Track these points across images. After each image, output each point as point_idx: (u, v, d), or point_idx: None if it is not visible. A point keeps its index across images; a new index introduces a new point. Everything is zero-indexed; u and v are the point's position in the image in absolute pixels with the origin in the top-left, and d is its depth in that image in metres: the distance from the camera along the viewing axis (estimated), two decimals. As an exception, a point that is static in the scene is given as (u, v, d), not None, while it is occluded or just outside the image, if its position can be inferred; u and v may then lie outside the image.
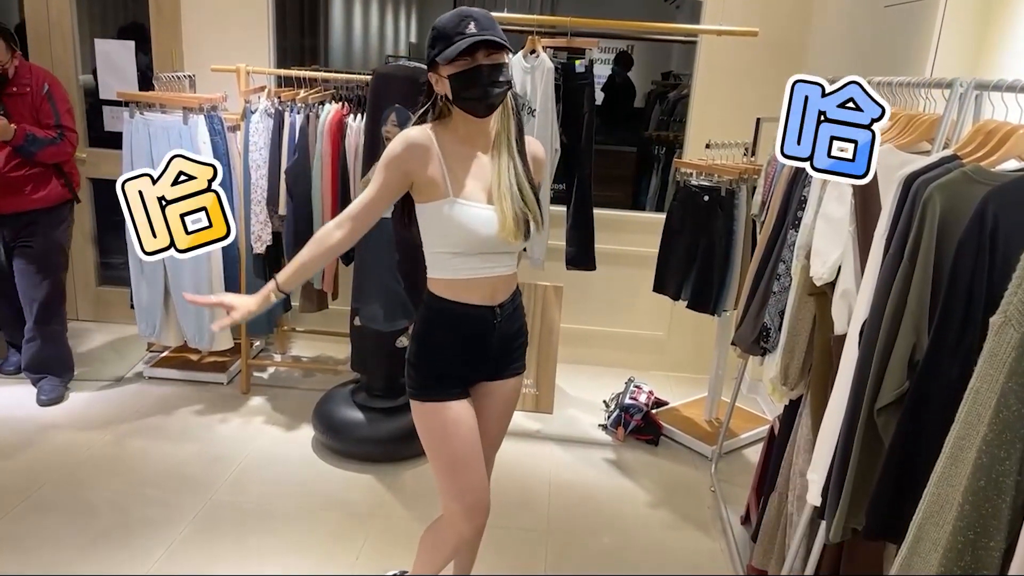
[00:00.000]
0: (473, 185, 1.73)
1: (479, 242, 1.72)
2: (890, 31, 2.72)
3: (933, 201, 1.46)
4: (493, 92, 1.66)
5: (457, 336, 1.81)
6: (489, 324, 1.81)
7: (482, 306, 1.79)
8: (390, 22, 9.65)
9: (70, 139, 3.22)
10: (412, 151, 1.71)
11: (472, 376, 1.86)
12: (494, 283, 1.79)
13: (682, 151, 4.09)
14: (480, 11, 1.67)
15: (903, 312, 1.50)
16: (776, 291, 2.20)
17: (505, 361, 1.89)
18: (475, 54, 1.63)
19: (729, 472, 3.15)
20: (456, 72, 1.64)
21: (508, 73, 1.69)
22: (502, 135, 1.74)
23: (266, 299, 1.84)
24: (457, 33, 1.62)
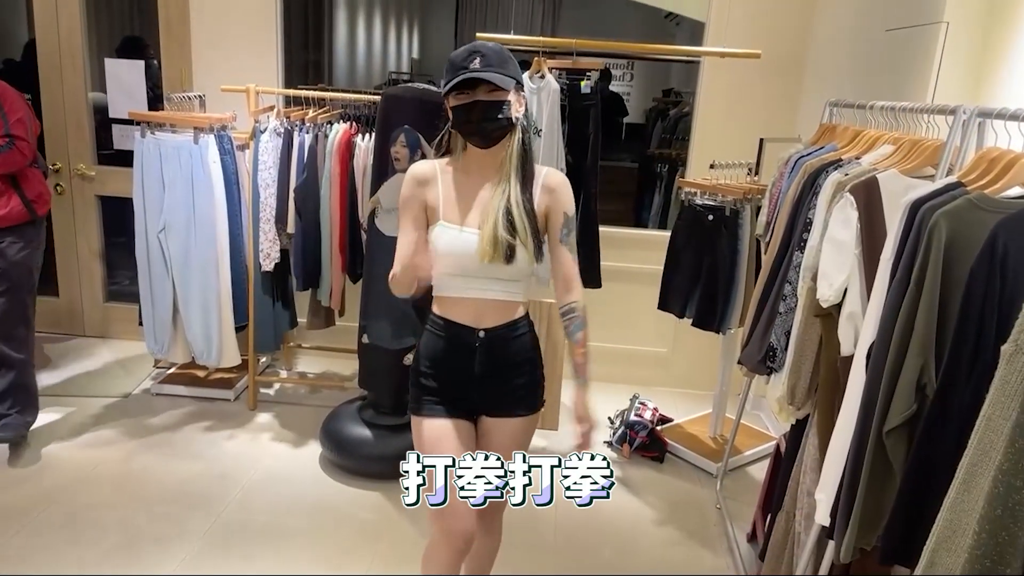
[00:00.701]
0: (466, 210, 1.78)
1: (460, 264, 1.78)
2: (891, 55, 2.77)
3: (939, 227, 1.49)
4: (488, 128, 1.71)
5: (441, 352, 1.86)
6: (470, 346, 1.83)
7: (464, 326, 1.83)
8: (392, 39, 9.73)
9: (21, 148, 2.91)
10: (415, 185, 1.82)
11: (462, 400, 1.87)
12: (481, 306, 1.82)
13: (685, 169, 4.14)
14: (491, 47, 1.72)
15: (910, 336, 1.53)
16: (782, 311, 2.22)
17: (499, 396, 1.88)
18: (475, 89, 1.69)
19: (734, 489, 3.17)
20: (456, 105, 1.72)
21: (509, 111, 1.71)
22: (506, 164, 1.78)
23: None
24: (461, 67, 1.69)
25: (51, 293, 4.30)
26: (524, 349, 1.90)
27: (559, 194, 1.83)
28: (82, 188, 4.12)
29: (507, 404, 1.89)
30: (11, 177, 2.95)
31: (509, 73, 1.71)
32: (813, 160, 2.30)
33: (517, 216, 1.74)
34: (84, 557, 2.51)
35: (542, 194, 1.82)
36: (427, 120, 2.91)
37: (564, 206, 1.83)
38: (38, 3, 3.89)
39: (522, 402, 1.91)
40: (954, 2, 2.35)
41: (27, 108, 3.01)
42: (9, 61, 4.29)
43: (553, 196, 1.82)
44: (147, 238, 3.35)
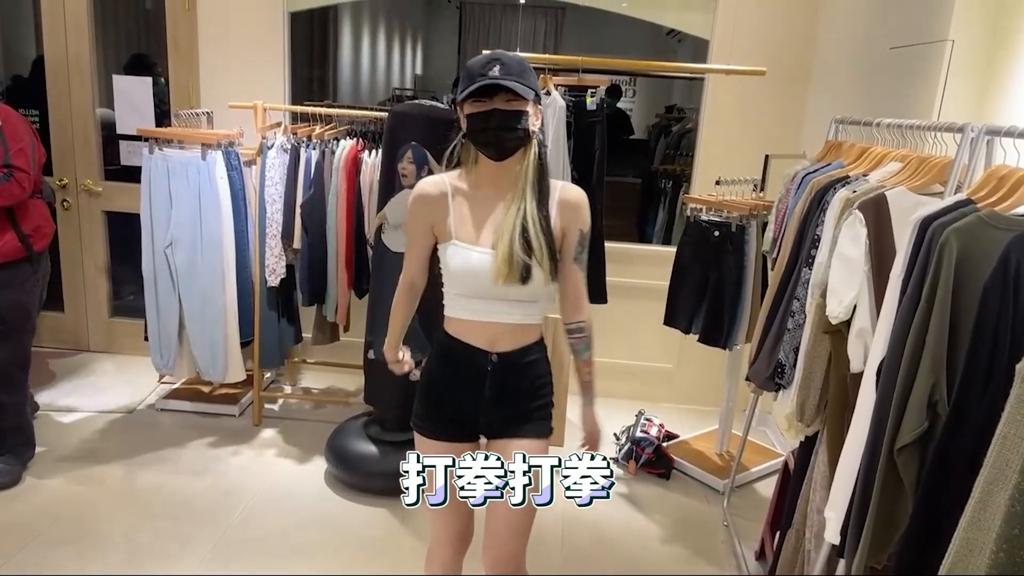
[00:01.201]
0: (479, 229, 1.73)
1: (474, 285, 1.73)
2: (896, 72, 2.78)
3: (950, 245, 1.49)
4: (505, 138, 1.65)
5: (451, 374, 1.82)
6: (482, 369, 1.78)
7: (477, 349, 1.78)
8: (396, 56, 9.80)
9: (20, 180, 2.72)
10: (422, 203, 1.78)
11: (469, 423, 1.83)
12: (494, 329, 1.77)
13: (689, 184, 4.15)
14: (511, 56, 1.66)
15: (921, 353, 1.53)
16: (790, 328, 2.22)
17: (507, 420, 1.82)
18: (493, 97, 1.63)
19: (741, 506, 3.15)
20: (472, 112, 1.66)
21: (526, 122, 1.66)
22: (520, 179, 1.71)
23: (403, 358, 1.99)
24: (480, 74, 1.63)
25: (56, 308, 4.30)
26: (537, 375, 1.85)
27: (576, 211, 1.77)
28: (88, 204, 4.13)
29: (514, 427, 1.83)
30: (6, 209, 2.77)
31: (529, 84, 1.66)
32: (820, 177, 2.30)
33: (533, 234, 1.68)
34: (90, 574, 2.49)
35: (558, 210, 1.75)
36: (434, 136, 2.92)
37: (580, 223, 1.78)
38: (46, 20, 3.92)
39: (530, 426, 1.84)
40: (959, 21, 2.37)
41: (32, 135, 2.88)
42: (17, 77, 4.31)
43: (570, 213, 1.77)
44: (154, 253, 3.36)
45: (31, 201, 2.87)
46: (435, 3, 10.02)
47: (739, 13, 3.71)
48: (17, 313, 2.87)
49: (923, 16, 2.59)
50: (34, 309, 2.97)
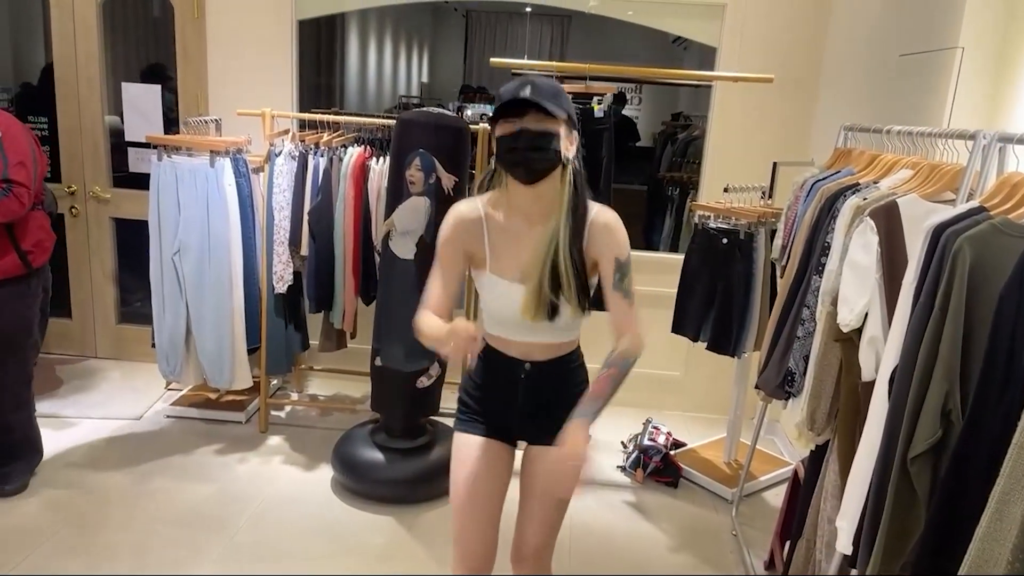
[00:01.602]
0: (511, 260, 1.72)
1: (506, 316, 1.75)
2: (905, 80, 2.78)
3: (963, 252, 1.48)
4: (534, 159, 1.61)
5: (488, 382, 1.86)
6: (516, 375, 1.81)
7: (511, 357, 1.82)
8: (403, 64, 9.83)
9: (19, 195, 2.63)
10: (458, 228, 1.75)
11: (506, 429, 1.87)
12: (529, 347, 1.79)
13: (696, 192, 4.14)
14: (546, 80, 1.65)
15: (935, 361, 1.51)
16: (800, 336, 2.21)
17: (542, 428, 1.80)
18: (523, 117, 1.61)
19: (750, 515, 3.14)
20: (502, 134, 1.63)
21: (557, 143, 1.62)
22: (555, 209, 1.67)
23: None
24: (511, 95, 1.62)
25: (64, 314, 4.31)
26: (572, 383, 1.86)
27: (610, 237, 1.71)
28: (97, 210, 4.14)
29: (549, 435, 1.74)
30: (6, 224, 2.70)
31: (562, 105, 1.63)
32: (830, 184, 2.30)
33: (564, 272, 1.65)
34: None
35: (591, 238, 1.70)
36: (442, 144, 2.94)
37: (615, 250, 1.70)
38: (56, 27, 3.94)
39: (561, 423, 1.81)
40: (969, 27, 2.36)
41: (33, 145, 2.80)
42: (26, 84, 4.34)
43: (602, 238, 1.70)
44: (161, 260, 3.36)
45: (32, 214, 2.79)
46: (441, 11, 10.07)
47: (747, 21, 3.71)
48: (19, 330, 2.85)
49: (933, 23, 2.59)
50: (35, 324, 2.93)
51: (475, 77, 9.65)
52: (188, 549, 2.68)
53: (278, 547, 2.73)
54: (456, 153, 2.97)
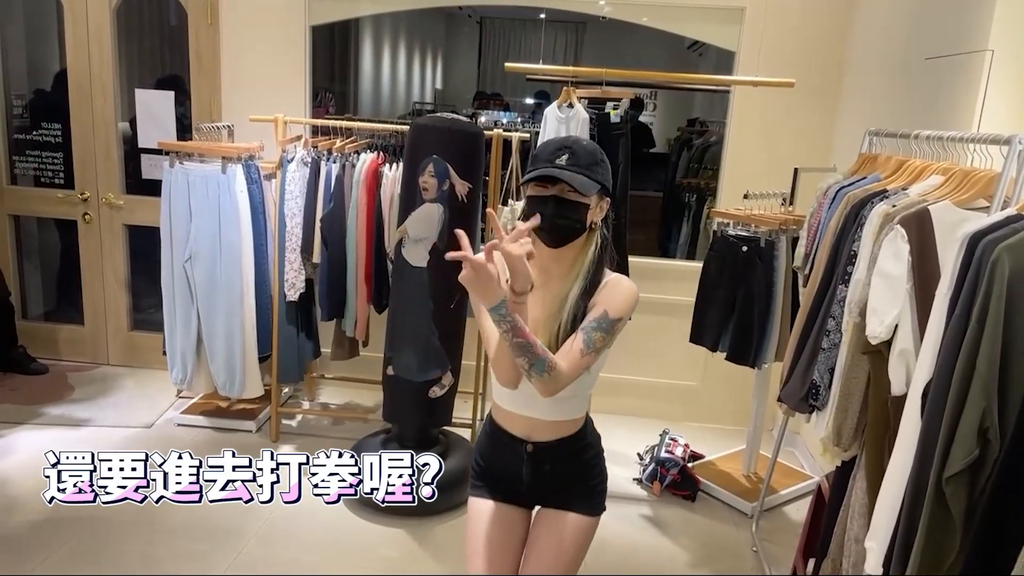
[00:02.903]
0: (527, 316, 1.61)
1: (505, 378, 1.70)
2: (932, 84, 2.70)
3: (1002, 262, 1.41)
4: (559, 225, 1.60)
5: (495, 454, 1.82)
6: (518, 457, 1.77)
7: (514, 436, 1.77)
8: (416, 70, 9.82)
9: None
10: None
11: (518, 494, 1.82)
12: (531, 423, 1.74)
13: (714, 199, 4.07)
14: (585, 145, 1.63)
15: (971, 376, 1.44)
16: (825, 347, 2.14)
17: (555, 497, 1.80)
18: (556, 184, 1.60)
19: (771, 531, 3.05)
20: (532, 195, 1.63)
21: (584, 215, 1.61)
22: (575, 270, 1.65)
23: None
24: (546, 160, 1.60)
25: (76, 321, 4.30)
26: (579, 465, 1.80)
27: (610, 292, 1.64)
28: (110, 217, 4.13)
29: (562, 502, 1.80)
30: None
31: (596, 178, 1.61)
32: (856, 191, 2.22)
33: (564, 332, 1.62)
34: (103, 594, 2.45)
35: (596, 295, 1.64)
36: (456, 150, 2.89)
37: (608, 304, 1.61)
38: (69, 34, 3.94)
39: (578, 502, 1.80)
40: (999, 30, 2.29)
41: None
42: (40, 91, 4.34)
43: (604, 293, 1.64)
44: (173, 267, 3.34)
45: None
46: (455, 18, 10.05)
47: (766, 24, 3.65)
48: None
49: (960, 25, 2.51)
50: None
51: (489, 84, 9.62)
52: (197, 561, 2.63)
53: (289, 559, 2.69)
54: (470, 159, 2.92)
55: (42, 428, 3.54)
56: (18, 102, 4.29)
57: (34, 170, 4.22)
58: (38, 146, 4.18)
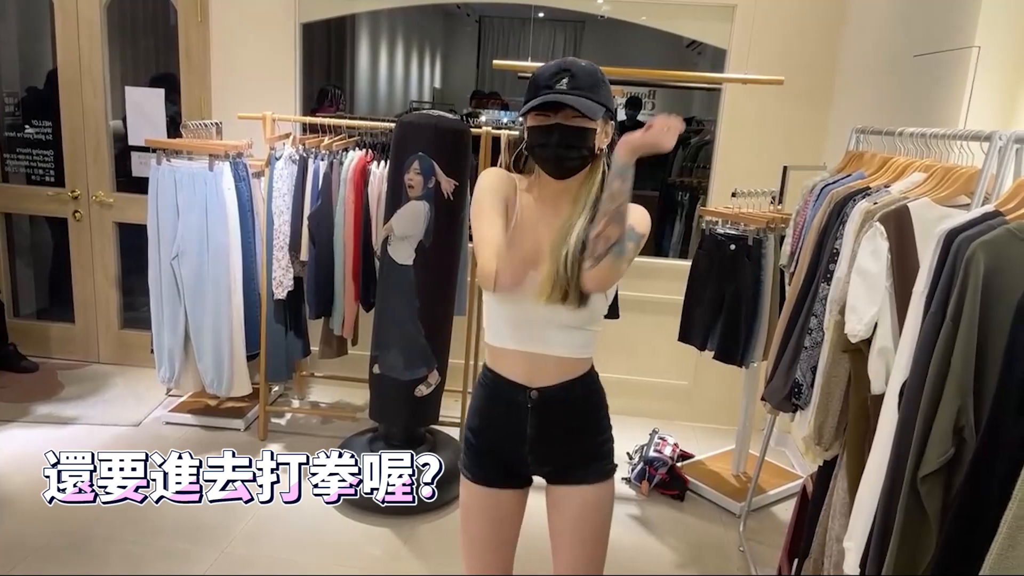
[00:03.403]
0: (531, 244, 1.55)
1: (518, 304, 1.57)
2: (919, 81, 2.68)
3: (977, 259, 1.39)
4: (566, 155, 1.51)
5: (490, 412, 1.68)
6: (520, 407, 1.62)
7: (515, 384, 1.62)
8: (415, 69, 9.81)
9: None
10: (503, 180, 1.60)
11: (516, 465, 1.69)
12: (533, 360, 1.60)
13: (706, 197, 4.05)
14: (584, 65, 1.52)
15: (947, 374, 1.42)
16: (807, 346, 2.12)
17: (559, 462, 1.67)
18: (558, 111, 1.49)
19: (758, 530, 3.04)
20: (533, 126, 1.53)
21: (591, 140, 1.51)
22: (582, 199, 1.56)
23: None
24: (546, 86, 1.51)
25: (67, 319, 4.30)
26: (586, 411, 1.69)
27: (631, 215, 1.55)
28: (100, 215, 4.12)
29: (570, 471, 1.67)
30: None
31: (599, 99, 1.51)
32: (839, 188, 2.21)
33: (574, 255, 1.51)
34: (84, 592, 2.44)
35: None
36: (442, 147, 2.88)
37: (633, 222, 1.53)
38: (60, 31, 3.93)
39: (588, 468, 1.68)
40: (985, 26, 2.27)
41: None
42: (32, 89, 4.34)
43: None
44: (160, 265, 3.33)
45: None
46: (454, 17, 10.05)
47: (757, 22, 3.63)
48: None
49: (948, 22, 2.49)
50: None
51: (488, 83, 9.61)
52: (180, 560, 2.62)
53: (272, 558, 2.67)
54: (456, 156, 2.91)
55: (30, 426, 3.53)
56: (10, 100, 4.29)
57: (25, 168, 4.22)
58: (29, 144, 4.18)
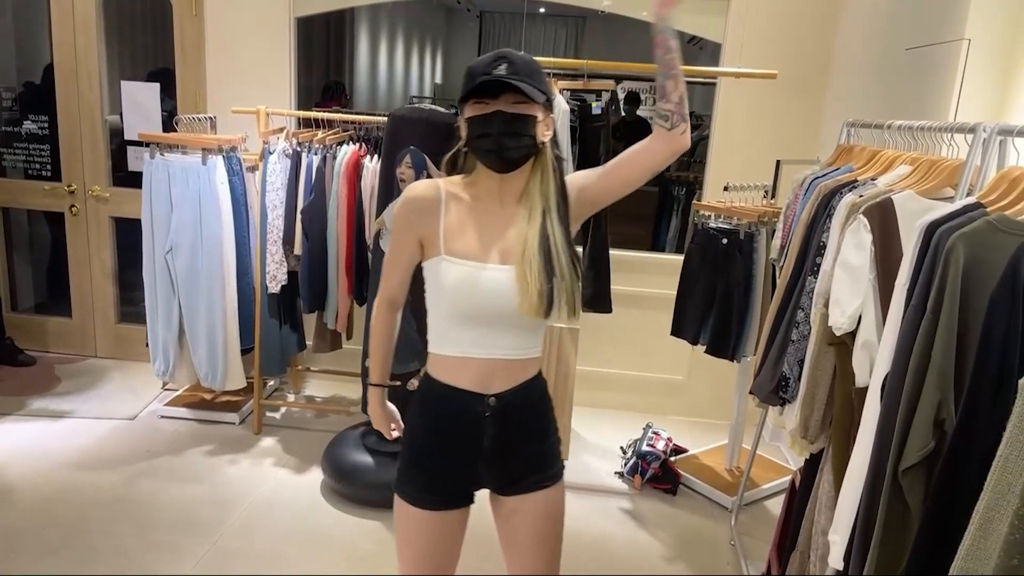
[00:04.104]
0: (480, 243, 1.51)
1: (473, 308, 1.50)
2: (911, 73, 2.67)
3: (956, 251, 1.39)
4: (508, 144, 1.45)
5: (438, 429, 1.57)
6: (477, 417, 1.53)
7: (470, 393, 1.52)
8: (415, 64, 9.80)
9: None
10: (411, 208, 1.55)
11: (464, 482, 1.60)
12: (490, 366, 1.52)
13: (702, 192, 4.05)
14: (520, 55, 1.48)
15: (927, 367, 1.42)
16: (795, 339, 2.12)
17: (513, 470, 1.60)
18: (497, 98, 1.44)
19: (750, 525, 3.04)
20: (473, 115, 1.47)
21: (533, 128, 1.46)
22: (535, 194, 1.51)
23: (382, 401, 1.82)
24: (484, 73, 1.45)
25: (64, 314, 4.31)
26: (542, 413, 1.64)
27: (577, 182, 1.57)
28: (96, 209, 4.13)
29: (523, 478, 1.61)
30: None
31: (538, 86, 1.46)
32: (828, 181, 2.20)
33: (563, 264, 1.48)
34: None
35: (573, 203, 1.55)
36: (434, 141, 2.87)
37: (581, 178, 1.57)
38: (56, 27, 3.94)
39: (547, 469, 1.63)
40: (976, 19, 2.26)
41: None
42: (29, 83, 4.34)
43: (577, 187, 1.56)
44: (154, 258, 3.34)
45: None
46: (455, 13, 10.03)
47: (750, 15, 3.62)
48: None
49: (939, 15, 2.48)
50: None
51: (489, 78, 9.59)
52: (169, 552, 2.63)
53: (263, 551, 2.68)
54: (448, 150, 2.90)
55: (27, 420, 3.54)
56: (7, 95, 4.30)
57: (23, 162, 4.23)
58: (26, 138, 4.19)
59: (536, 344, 1.59)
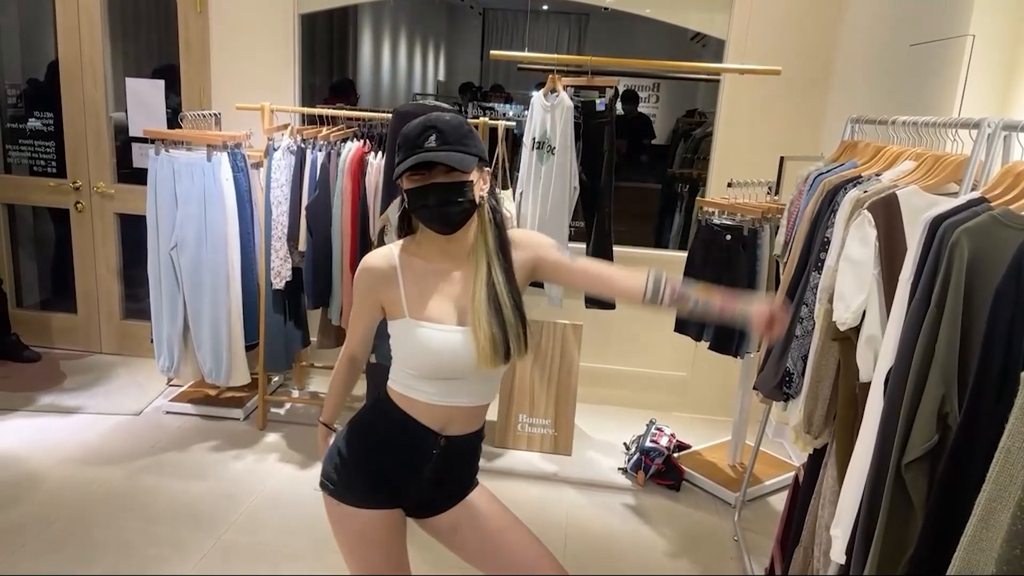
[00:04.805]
0: (440, 305, 1.58)
1: (440, 367, 1.58)
2: (916, 70, 2.67)
3: (960, 245, 1.39)
4: (449, 212, 1.52)
5: (391, 444, 1.64)
6: (427, 451, 1.62)
7: (426, 428, 1.61)
8: (418, 61, 9.81)
9: None
10: (369, 277, 1.62)
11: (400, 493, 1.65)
12: (451, 413, 1.62)
13: (706, 189, 4.05)
14: (449, 121, 1.52)
15: (931, 361, 1.42)
16: (798, 335, 2.12)
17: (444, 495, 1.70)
18: (432, 170, 1.50)
19: (753, 520, 3.04)
20: (411, 188, 1.52)
21: (469, 192, 1.52)
22: (479, 248, 1.58)
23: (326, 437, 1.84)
24: (416, 146, 1.49)
25: (69, 310, 4.33)
26: (477, 454, 1.76)
27: (530, 240, 1.68)
28: (101, 206, 4.15)
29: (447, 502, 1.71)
30: None
31: (470, 150, 1.52)
32: (832, 177, 2.21)
33: (507, 309, 1.56)
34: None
35: (517, 263, 1.63)
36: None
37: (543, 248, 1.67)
38: (61, 23, 3.95)
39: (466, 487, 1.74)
40: (980, 15, 2.26)
41: None
42: (33, 80, 4.36)
43: (527, 248, 1.65)
44: (159, 255, 3.35)
45: None
46: (458, 9, 10.04)
47: (754, 12, 3.61)
48: None
49: (943, 11, 2.48)
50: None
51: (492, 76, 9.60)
52: (173, 547, 2.64)
53: (266, 546, 2.69)
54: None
55: (32, 416, 3.56)
56: (12, 91, 4.32)
57: (28, 159, 4.25)
58: (31, 135, 4.20)
59: (495, 389, 1.72)
